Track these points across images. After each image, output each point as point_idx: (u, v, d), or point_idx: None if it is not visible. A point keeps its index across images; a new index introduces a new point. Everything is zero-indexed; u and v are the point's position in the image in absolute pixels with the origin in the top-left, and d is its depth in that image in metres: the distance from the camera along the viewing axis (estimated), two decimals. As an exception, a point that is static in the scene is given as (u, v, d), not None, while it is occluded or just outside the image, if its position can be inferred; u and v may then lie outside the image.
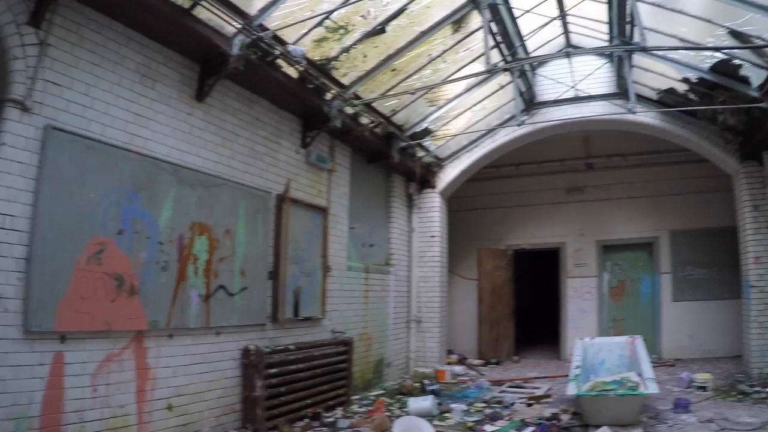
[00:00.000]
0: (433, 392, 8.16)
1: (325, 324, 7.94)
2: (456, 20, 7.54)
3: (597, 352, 8.60)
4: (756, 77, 7.33)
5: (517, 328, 13.57)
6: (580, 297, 12.96)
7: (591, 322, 12.69)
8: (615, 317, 12.75)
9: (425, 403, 7.24)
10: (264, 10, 5.78)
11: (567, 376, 7.51)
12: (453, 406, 7.29)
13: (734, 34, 6.66)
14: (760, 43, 6.47)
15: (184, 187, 5.60)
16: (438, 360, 10.70)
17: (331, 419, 6.85)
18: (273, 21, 6.04)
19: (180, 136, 5.61)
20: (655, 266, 12.54)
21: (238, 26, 5.63)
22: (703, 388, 8.11)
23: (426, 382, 8.81)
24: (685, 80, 8.43)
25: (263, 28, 5.92)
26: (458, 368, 10.84)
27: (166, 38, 5.32)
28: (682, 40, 7.41)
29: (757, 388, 7.79)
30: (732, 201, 9.93)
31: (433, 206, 11.15)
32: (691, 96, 8.73)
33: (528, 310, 16.07)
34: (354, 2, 6.41)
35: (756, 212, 9.01)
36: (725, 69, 7.64)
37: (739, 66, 7.46)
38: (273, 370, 6.42)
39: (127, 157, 4.95)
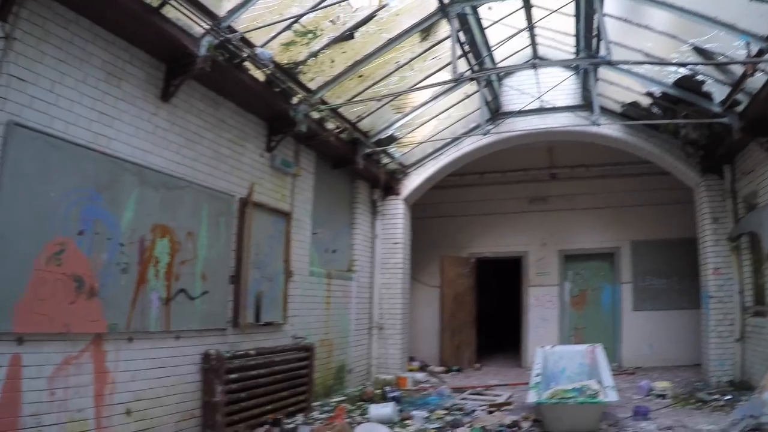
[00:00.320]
0: (395, 399, 8.16)
1: (287, 329, 7.89)
2: (424, 29, 7.61)
3: (558, 360, 8.73)
4: (718, 93, 7.58)
5: (479, 336, 13.67)
6: (542, 305, 13.16)
7: (552, 330, 12.89)
8: (576, 326, 12.98)
9: (386, 409, 7.25)
10: (233, 11, 5.74)
11: (528, 383, 7.61)
12: (414, 413, 7.32)
13: (698, 50, 6.89)
14: (723, 59, 6.70)
15: (147, 188, 5.50)
16: (399, 367, 10.73)
17: (291, 425, 6.79)
18: (241, 23, 6.00)
19: (144, 137, 5.51)
20: (617, 276, 12.82)
21: (207, 27, 5.58)
22: (663, 396, 8.30)
23: (387, 388, 8.82)
24: (649, 94, 8.67)
25: (231, 30, 5.87)
26: (420, 375, 10.87)
27: (134, 36, 5.23)
28: (647, 54, 7.63)
29: (715, 396, 7.98)
30: (692, 213, 10.23)
31: (396, 213, 11.19)
32: (655, 110, 8.97)
33: (490, 318, 16.22)
34: (323, 7, 6.41)
35: (716, 224, 9.29)
36: (688, 84, 7.88)
37: (702, 82, 7.70)
38: (233, 376, 6.34)
39: (90, 156, 4.84)
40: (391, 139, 10.08)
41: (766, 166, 7.54)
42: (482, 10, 7.78)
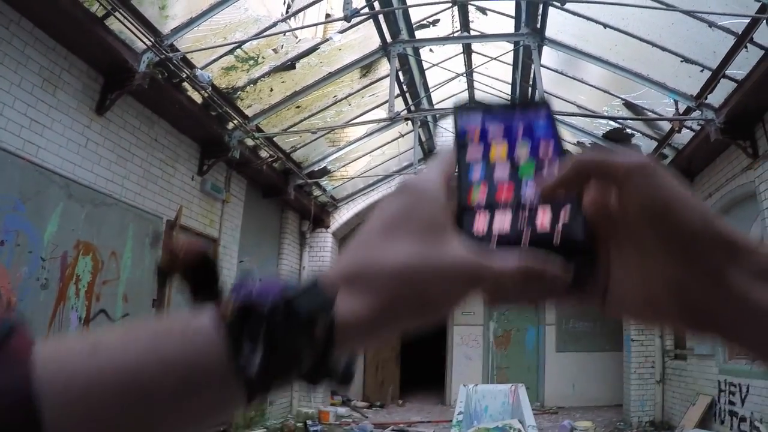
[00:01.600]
0: (316, 433, 8.03)
1: (209, 358, 7.64)
2: (365, 65, 7.80)
3: (481, 398, 8.81)
4: (646, 146, 8.08)
5: (402, 372, 13.69)
6: (467, 344, 13.33)
7: (476, 369, 13.06)
8: (500, 365, 13.20)
9: (308, 443, 7.12)
10: (177, 30, 5.71)
11: (451, 421, 7.64)
12: (336, 446, 7.22)
13: (629, 105, 7.36)
14: (651, 115, 7.19)
15: (73, 202, 5.29)
16: (322, 400, 10.56)
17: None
18: (184, 42, 5.97)
19: (75, 149, 5.33)
20: (541, 318, 13.16)
21: (149, 43, 5.51)
22: (585, 436, 8.54)
23: (309, 422, 8.67)
24: (579, 144, 9.14)
25: (174, 49, 5.82)
26: (342, 410, 10.73)
27: (75, 45, 5.10)
28: (579, 107, 8.06)
29: (636, 436, 8.30)
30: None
31: (325, 246, 11.17)
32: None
33: (415, 354, 16.27)
34: (268, 35, 6.47)
35: None
36: (618, 137, 8.34)
37: (632, 135, 8.19)
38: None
39: (16, 163, 4.63)
40: (324, 172, 10.13)
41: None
42: (423, 52, 8.05)
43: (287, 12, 7.32)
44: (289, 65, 7.24)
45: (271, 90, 7.55)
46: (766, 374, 6.57)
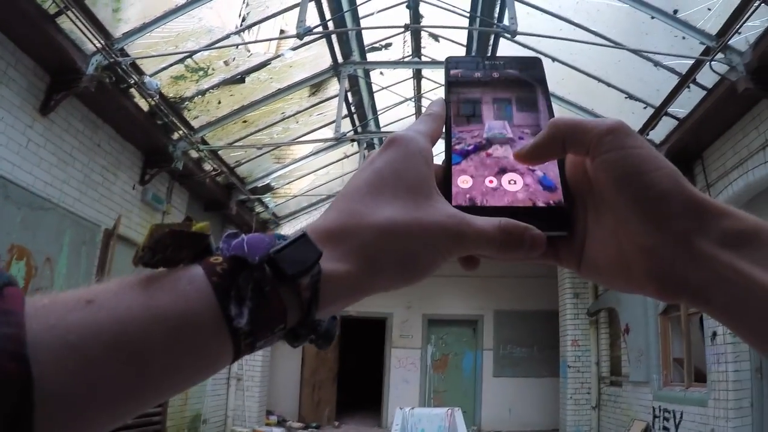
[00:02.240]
0: (249, 452, 7.86)
1: (141, 373, 7.40)
2: (315, 84, 7.86)
3: (417, 422, 8.83)
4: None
5: (339, 393, 13.58)
6: (404, 367, 13.39)
7: (413, 391, 13.10)
8: (437, 389, 13.29)
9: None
10: (128, 34, 5.64)
11: (386, 442, 7.65)
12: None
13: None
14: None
15: (10, 204, 5.09)
16: (257, 420, 10.37)
17: (138, 476, 6.31)
18: (135, 48, 5.89)
19: (15, 149, 5.13)
20: (479, 342, 13.37)
21: (99, 46, 5.40)
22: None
23: (242, 442, 8.48)
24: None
25: (124, 53, 5.73)
26: (277, 430, 10.58)
27: (23, 40, 4.93)
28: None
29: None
30: (555, 287, 11.03)
31: (264, 264, 11.03)
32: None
33: (352, 375, 16.18)
34: (220, 47, 6.46)
35: (576, 299, 10.14)
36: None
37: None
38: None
39: (-48, 159, 4.45)
40: (267, 189, 10.07)
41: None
42: (374, 75, 8.18)
43: (241, 25, 7.32)
44: (239, 79, 7.23)
45: (219, 102, 7.51)
46: (700, 401, 6.91)
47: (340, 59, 7.42)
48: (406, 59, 8.58)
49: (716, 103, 5.62)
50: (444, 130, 0.48)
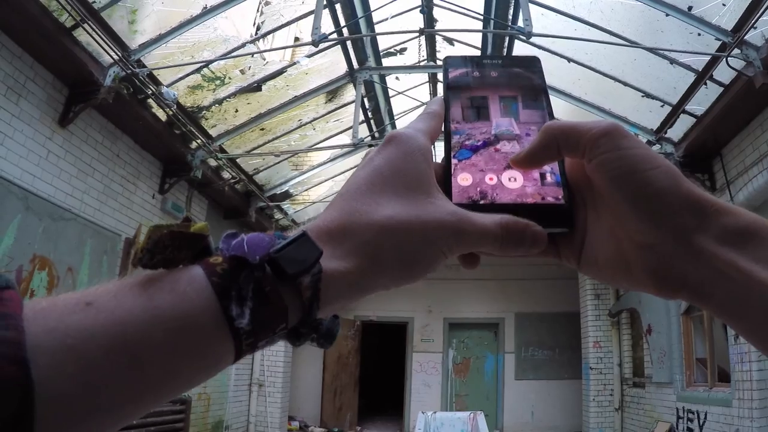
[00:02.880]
0: (271, 458, 7.88)
1: (163, 381, 7.47)
2: (331, 90, 7.88)
3: (439, 426, 8.80)
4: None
5: (361, 398, 13.57)
6: (426, 371, 13.35)
7: (435, 396, 13.05)
8: (459, 393, 13.23)
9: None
10: (145, 45, 5.71)
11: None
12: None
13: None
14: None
15: (31, 215, 5.18)
16: (279, 426, 10.40)
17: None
18: (152, 59, 5.97)
19: (35, 160, 5.23)
20: (500, 345, 13.28)
21: (116, 57, 5.49)
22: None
23: (264, 448, 8.50)
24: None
25: (140, 64, 5.81)
26: (298, 436, 10.60)
27: (41, 54, 5.04)
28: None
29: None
30: (575, 288, 10.93)
31: (284, 270, 11.08)
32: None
33: (373, 380, 16.19)
34: (236, 56, 6.52)
35: (597, 300, 10.04)
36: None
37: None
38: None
39: (-26, 171, 4.54)
40: (286, 195, 10.12)
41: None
42: (389, 80, 8.19)
43: (256, 34, 7.38)
44: (256, 87, 7.29)
45: (236, 111, 7.56)
46: (724, 401, 6.79)
47: (355, 65, 7.45)
48: (421, 63, 8.59)
49: (734, 99, 5.54)
50: (443, 128, 0.49)
